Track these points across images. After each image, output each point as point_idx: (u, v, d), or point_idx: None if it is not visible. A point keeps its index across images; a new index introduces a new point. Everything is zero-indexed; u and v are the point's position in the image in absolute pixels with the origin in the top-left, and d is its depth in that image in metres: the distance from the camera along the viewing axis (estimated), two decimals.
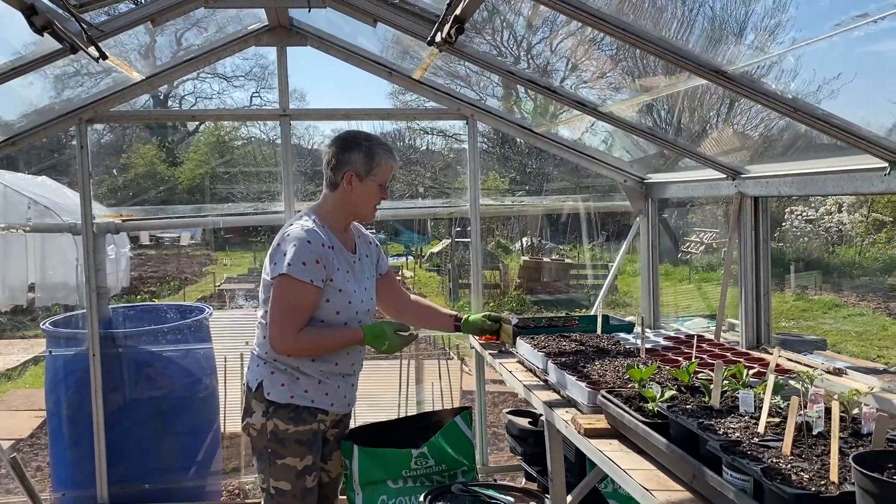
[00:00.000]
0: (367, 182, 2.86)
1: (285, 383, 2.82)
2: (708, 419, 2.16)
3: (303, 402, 2.84)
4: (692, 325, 5.14)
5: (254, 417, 2.84)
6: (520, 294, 14.80)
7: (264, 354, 2.86)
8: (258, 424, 2.83)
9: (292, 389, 2.83)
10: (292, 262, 2.69)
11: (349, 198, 2.88)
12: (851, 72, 2.81)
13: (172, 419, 4.29)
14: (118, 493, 4.17)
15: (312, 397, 2.85)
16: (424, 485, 3.55)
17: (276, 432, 2.81)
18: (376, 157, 2.86)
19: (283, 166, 4.23)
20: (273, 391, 2.81)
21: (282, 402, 2.81)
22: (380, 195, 2.92)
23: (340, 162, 2.85)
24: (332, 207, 2.91)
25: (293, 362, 2.83)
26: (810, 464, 1.83)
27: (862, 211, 18.37)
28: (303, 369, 2.84)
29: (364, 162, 2.84)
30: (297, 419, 2.82)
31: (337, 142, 2.89)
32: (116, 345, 4.20)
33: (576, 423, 2.62)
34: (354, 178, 2.84)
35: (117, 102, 4.09)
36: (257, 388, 2.83)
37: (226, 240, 23.32)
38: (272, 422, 2.80)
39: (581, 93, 3.84)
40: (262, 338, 2.87)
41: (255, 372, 2.88)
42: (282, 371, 2.83)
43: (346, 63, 4.15)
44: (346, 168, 2.84)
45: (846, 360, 3.53)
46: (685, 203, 17.84)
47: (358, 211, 2.94)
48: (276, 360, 2.83)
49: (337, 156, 2.86)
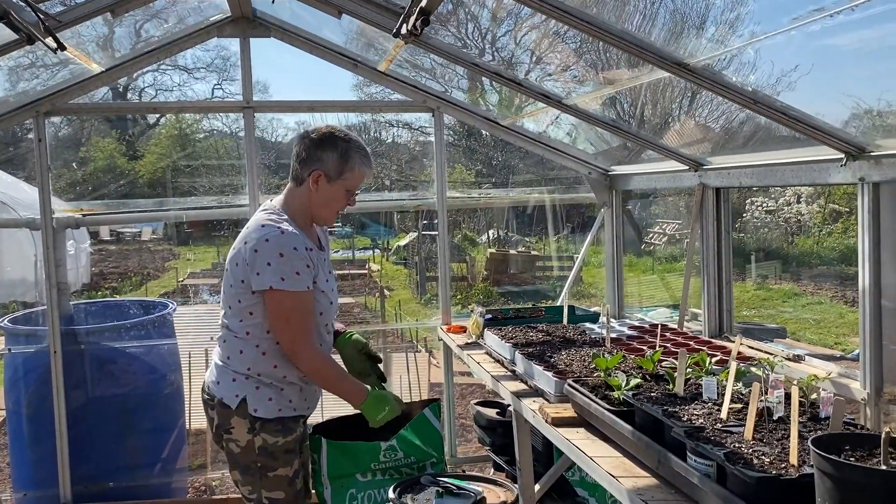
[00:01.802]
0: (335, 185, 2.67)
1: (272, 397, 2.68)
2: (672, 406, 2.20)
3: (288, 412, 2.72)
4: (656, 315, 5.22)
5: (235, 433, 2.68)
6: (487, 286, 14.85)
7: (245, 370, 2.67)
8: (243, 441, 2.67)
9: (279, 402, 2.69)
10: (286, 275, 2.52)
11: (311, 198, 2.69)
12: (808, 64, 2.86)
13: (137, 416, 4.23)
14: (82, 492, 4.10)
15: (295, 406, 2.75)
16: (394, 477, 3.56)
17: (266, 447, 2.67)
18: (350, 161, 2.66)
19: (248, 159, 4.19)
20: (261, 407, 2.66)
21: (271, 417, 2.67)
22: (345, 201, 2.73)
23: (311, 158, 2.65)
24: (299, 205, 2.72)
25: (279, 373, 2.69)
26: (771, 448, 1.87)
27: (819, 202, 18.76)
28: (288, 379, 2.71)
29: (337, 163, 2.65)
30: (284, 430, 2.70)
31: (313, 135, 2.69)
32: (78, 341, 4.13)
33: (543, 413, 2.65)
34: (322, 178, 2.65)
35: (76, 95, 4.01)
36: (239, 405, 2.65)
37: (188, 234, 22.98)
38: (260, 437, 2.66)
39: (546, 85, 3.87)
40: (239, 351, 2.68)
41: (230, 387, 2.68)
42: (267, 385, 2.68)
43: (311, 55, 4.12)
44: (315, 166, 2.65)
45: (805, 348, 3.64)
46: (648, 195, 18.05)
47: (317, 213, 2.75)
48: (261, 375, 2.68)
49: (309, 150, 2.66)
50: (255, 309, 2.62)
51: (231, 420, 2.67)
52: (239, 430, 2.67)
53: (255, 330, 2.65)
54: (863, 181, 2.66)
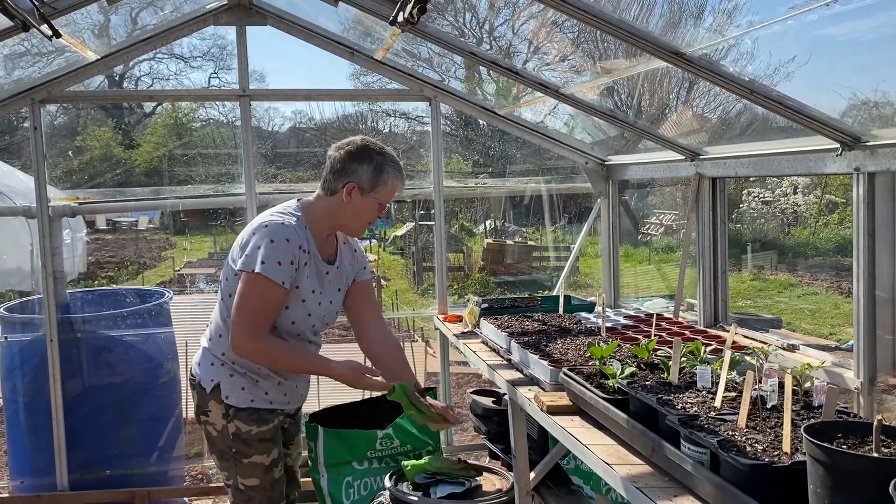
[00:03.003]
0: (368, 198, 2.65)
1: (245, 387, 2.69)
2: (667, 394, 2.21)
3: (264, 404, 2.72)
4: (652, 306, 5.23)
5: (212, 417, 2.71)
6: (483, 276, 14.88)
7: (221, 355, 2.70)
8: (219, 425, 2.70)
9: (252, 393, 2.69)
10: (266, 259, 2.50)
11: (344, 209, 2.66)
12: (806, 55, 2.87)
13: (133, 404, 4.23)
14: (78, 480, 4.11)
15: (272, 399, 2.74)
16: (390, 465, 3.58)
17: (239, 434, 2.68)
18: (385, 175, 2.64)
19: (244, 148, 4.18)
20: (233, 395, 2.67)
21: (242, 406, 2.68)
22: (376, 214, 2.72)
23: (346, 170, 2.62)
24: (322, 213, 2.69)
25: (251, 365, 2.68)
26: (764, 436, 1.89)
27: (816, 192, 18.79)
28: (263, 372, 2.71)
29: (371, 176, 2.63)
30: (258, 420, 2.70)
31: (347, 147, 2.67)
32: (74, 330, 4.13)
33: (539, 401, 2.66)
34: (356, 190, 2.62)
35: (72, 82, 3.99)
36: (213, 389, 2.68)
37: (184, 223, 22.94)
38: (233, 424, 2.68)
39: (543, 74, 3.87)
40: (219, 336, 2.71)
41: (208, 370, 2.71)
42: (241, 374, 2.69)
43: (307, 43, 4.11)
44: (350, 178, 2.62)
45: (800, 338, 3.65)
46: (645, 185, 18.06)
47: (348, 225, 2.74)
48: (235, 363, 2.68)
49: (344, 162, 2.63)
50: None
51: (208, 403, 2.71)
52: (215, 413, 2.71)
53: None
54: (858, 171, 2.67)
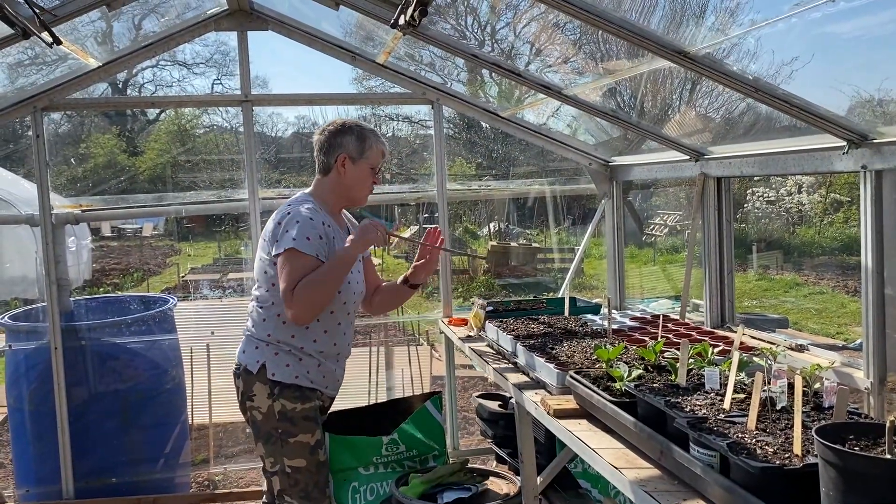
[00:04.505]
0: (360, 164, 2.93)
1: (290, 364, 2.86)
2: (675, 397, 2.19)
3: (305, 382, 2.89)
4: (657, 307, 5.20)
5: (256, 400, 2.86)
6: (488, 278, 14.84)
7: (266, 336, 2.87)
8: (264, 407, 2.85)
9: (297, 370, 2.87)
10: (297, 237, 2.71)
11: (343, 181, 2.93)
12: (809, 54, 2.84)
13: (139, 412, 4.22)
14: (84, 488, 4.10)
15: (312, 378, 2.90)
16: (396, 471, 3.56)
17: (285, 412, 2.84)
18: (368, 140, 2.93)
19: (246, 153, 4.17)
20: (278, 371, 2.84)
21: (287, 382, 2.84)
22: (372, 178, 2.98)
23: (333, 145, 2.92)
24: (327, 191, 2.96)
25: (296, 343, 2.87)
26: (774, 438, 1.86)
27: (820, 192, 18.71)
28: (306, 350, 2.88)
29: (356, 145, 2.91)
30: (302, 397, 2.86)
31: (328, 127, 2.96)
32: (79, 337, 4.12)
33: (545, 405, 2.64)
34: (348, 160, 2.90)
35: (74, 90, 3.99)
36: (259, 370, 2.84)
37: (189, 230, 22.95)
38: (279, 402, 2.83)
39: (546, 76, 3.85)
40: (262, 320, 2.88)
41: (253, 354, 2.88)
42: (286, 352, 2.86)
43: (310, 48, 4.10)
44: (339, 151, 2.91)
45: (807, 338, 3.63)
46: (649, 186, 18.01)
47: (352, 194, 2.99)
48: (280, 342, 2.86)
49: (329, 140, 2.92)
50: (278, 280, 2.76)
51: (253, 386, 2.86)
52: (260, 395, 2.85)
53: (278, 300, 2.79)
54: (865, 169, 2.64)
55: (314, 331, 2.90)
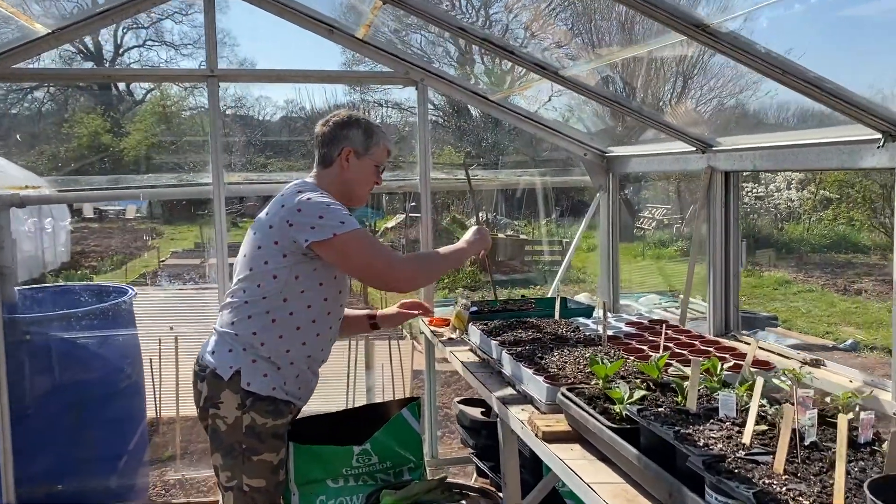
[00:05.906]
0: (364, 160, 2.77)
1: (268, 373, 2.61)
2: (685, 426, 1.87)
3: (281, 395, 2.65)
4: (647, 301, 4.94)
5: (223, 409, 2.59)
6: (474, 269, 14.55)
7: (249, 335, 2.61)
8: (231, 418, 2.58)
9: (274, 381, 2.62)
10: (345, 220, 2.54)
11: (344, 176, 2.76)
12: (832, 37, 2.53)
13: (89, 413, 3.89)
14: (27, 495, 3.76)
15: (289, 390, 2.67)
16: (367, 483, 3.25)
17: (254, 427, 2.58)
18: (375, 136, 2.79)
19: (211, 134, 3.81)
20: (254, 382, 2.58)
21: (263, 394, 2.59)
22: (374, 177, 2.83)
23: (337, 137, 2.75)
24: (328, 185, 2.74)
25: (282, 346, 2.62)
26: (808, 485, 1.55)
27: (810, 188, 18.55)
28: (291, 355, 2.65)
29: (363, 139, 2.76)
30: (275, 412, 2.62)
31: (334, 118, 2.80)
32: (22, 331, 3.78)
33: (533, 425, 2.33)
34: (352, 154, 2.74)
35: (20, 58, 3.62)
36: (232, 378, 2.57)
37: (172, 213, 22.57)
38: (249, 415, 2.58)
39: (542, 55, 3.52)
40: (247, 317, 2.61)
41: (226, 357, 2.61)
42: (265, 359, 2.61)
43: (282, 19, 3.74)
44: (343, 144, 2.74)
45: (797, 337, 3.39)
46: (640, 178, 17.77)
47: (353, 192, 2.80)
48: (264, 345, 2.61)
49: (334, 131, 2.76)
50: (281, 273, 2.56)
51: (221, 393, 2.59)
52: (228, 405, 2.59)
53: (272, 295, 2.59)
54: None
55: (306, 332, 2.66)
